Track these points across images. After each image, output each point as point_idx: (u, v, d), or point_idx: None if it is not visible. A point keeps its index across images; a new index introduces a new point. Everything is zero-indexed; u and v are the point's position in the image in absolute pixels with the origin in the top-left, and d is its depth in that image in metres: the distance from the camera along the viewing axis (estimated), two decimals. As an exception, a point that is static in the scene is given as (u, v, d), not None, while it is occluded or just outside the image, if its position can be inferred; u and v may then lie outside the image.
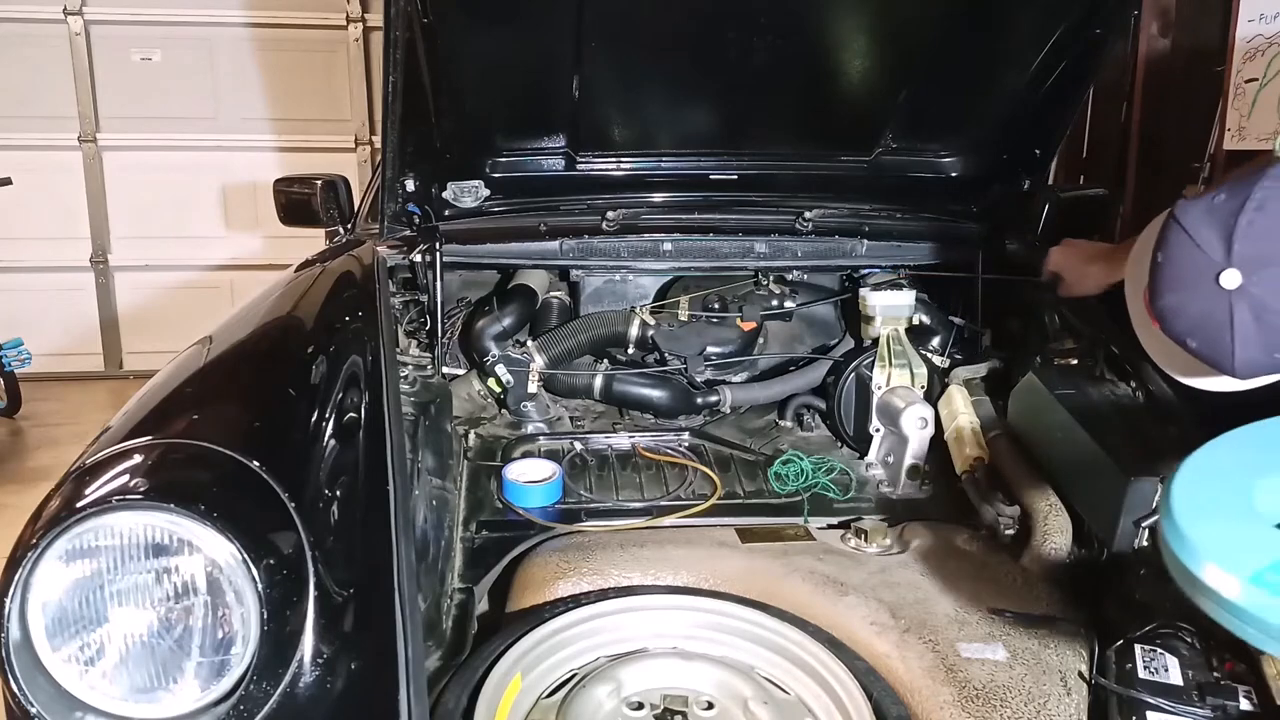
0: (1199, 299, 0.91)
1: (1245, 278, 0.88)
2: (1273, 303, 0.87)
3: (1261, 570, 0.78)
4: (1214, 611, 0.81)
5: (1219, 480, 0.89)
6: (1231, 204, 0.89)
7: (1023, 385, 1.87)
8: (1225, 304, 0.89)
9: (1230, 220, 0.89)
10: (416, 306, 2.03)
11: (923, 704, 1.27)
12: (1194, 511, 0.85)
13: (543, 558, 1.55)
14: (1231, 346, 0.90)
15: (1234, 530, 0.83)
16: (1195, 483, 0.89)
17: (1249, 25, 3.32)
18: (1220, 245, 0.89)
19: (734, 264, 2.13)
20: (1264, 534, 0.82)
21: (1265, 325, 0.88)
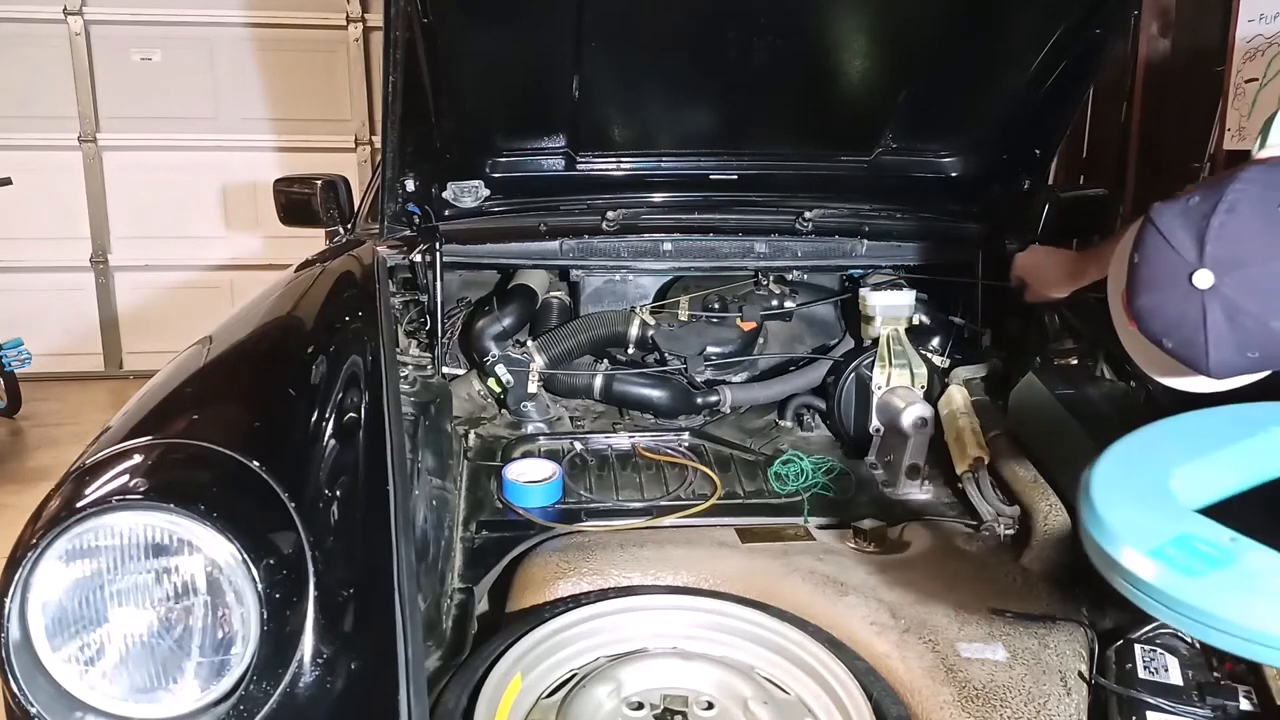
0: (1173, 299, 0.92)
1: (1217, 278, 0.89)
2: (1244, 303, 0.88)
3: (1162, 545, 0.80)
4: (1127, 591, 0.83)
5: (1138, 467, 0.91)
6: (1204, 206, 0.90)
7: (1023, 385, 1.87)
8: (1199, 304, 0.90)
9: (1203, 222, 0.90)
10: (416, 306, 2.03)
11: (923, 704, 1.27)
12: (1110, 496, 0.87)
13: (543, 558, 1.55)
14: (1206, 347, 0.91)
15: (1145, 512, 0.85)
16: (1115, 470, 0.91)
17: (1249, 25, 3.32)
18: (1193, 246, 0.90)
19: (734, 264, 2.13)
20: (1173, 514, 0.84)
21: (1237, 325, 0.89)
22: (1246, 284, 0.88)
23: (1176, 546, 0.80)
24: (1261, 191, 0.89)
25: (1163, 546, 0.80)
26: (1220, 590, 0.76)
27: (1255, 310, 0.88)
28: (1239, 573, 0.77)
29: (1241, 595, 0.76)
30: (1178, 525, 0.83)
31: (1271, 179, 0.91)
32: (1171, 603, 0.78)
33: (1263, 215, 0.88)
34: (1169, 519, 0.84)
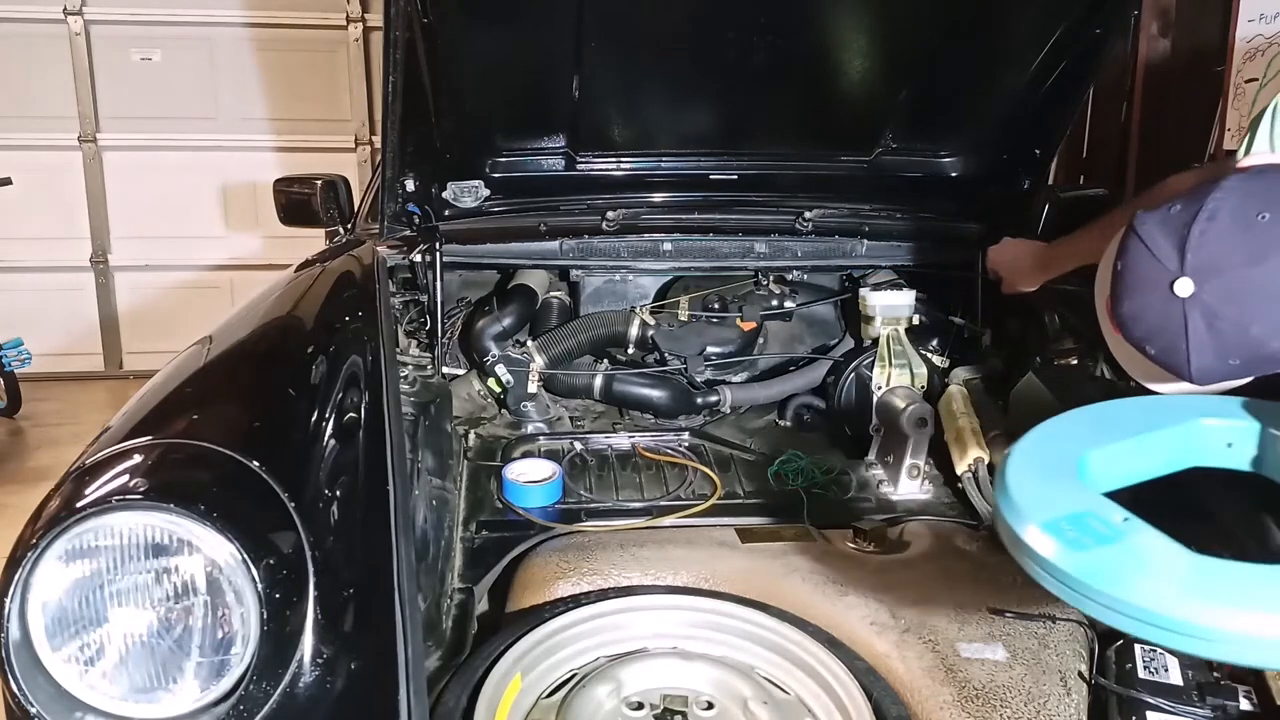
0: (1155, 306, 0.93)
1: (1197, 286, 0.90)
2: (1223, 310, 0.89)
3: (1058, 520, 0.83)
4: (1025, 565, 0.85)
5: (1053, 450, 0.94)
6: (1185, 215, 0.91)
7: (1023, 385, 1.87)
8: (1179, 311, 0.91)
9: (1184, 230, 0.91)
10: (416, 306, 2.03)
11: (923, 704, 1.27)
12: (1023, 476, 0.90)
13: (543, 558, 1.55)
14: (1187, 353, 0.92)
15: (1050, 491, 0.87)
16: (1032, 452, 0.94)
17: (1249, 25, 3.32)
18: (1174, 254, 0.91)
19: (734, 264, 2.13)
20: (1075, 493, 0.86)
21: (1217, 332, 0.90)
22: (1225, 291, 0.89)
23: (1071, 523, 0.83)
24: (1241, 200, 0.90)
25: (1058, 521, 0.83)
26: (1103, 566, 0.79)
27: (1234, 317, 0.89)
28: (1123, 550, 0.80)
29: (1122, 572, 0.78)
30: (1077, 503, 0.85)
31: (1250, 188, 0.91)
32: (1061, 576, 0.81)
33: (1241, 224, 0.89)
34: (1071, 498, 0.86)
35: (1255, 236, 0.88)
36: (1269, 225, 0.88)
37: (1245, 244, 0.88)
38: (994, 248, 2.01)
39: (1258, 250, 0.88)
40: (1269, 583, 0.76)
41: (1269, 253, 0.87)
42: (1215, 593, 0.76)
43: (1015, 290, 1.97)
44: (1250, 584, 0.76)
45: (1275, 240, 0.87)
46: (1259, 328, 0.89)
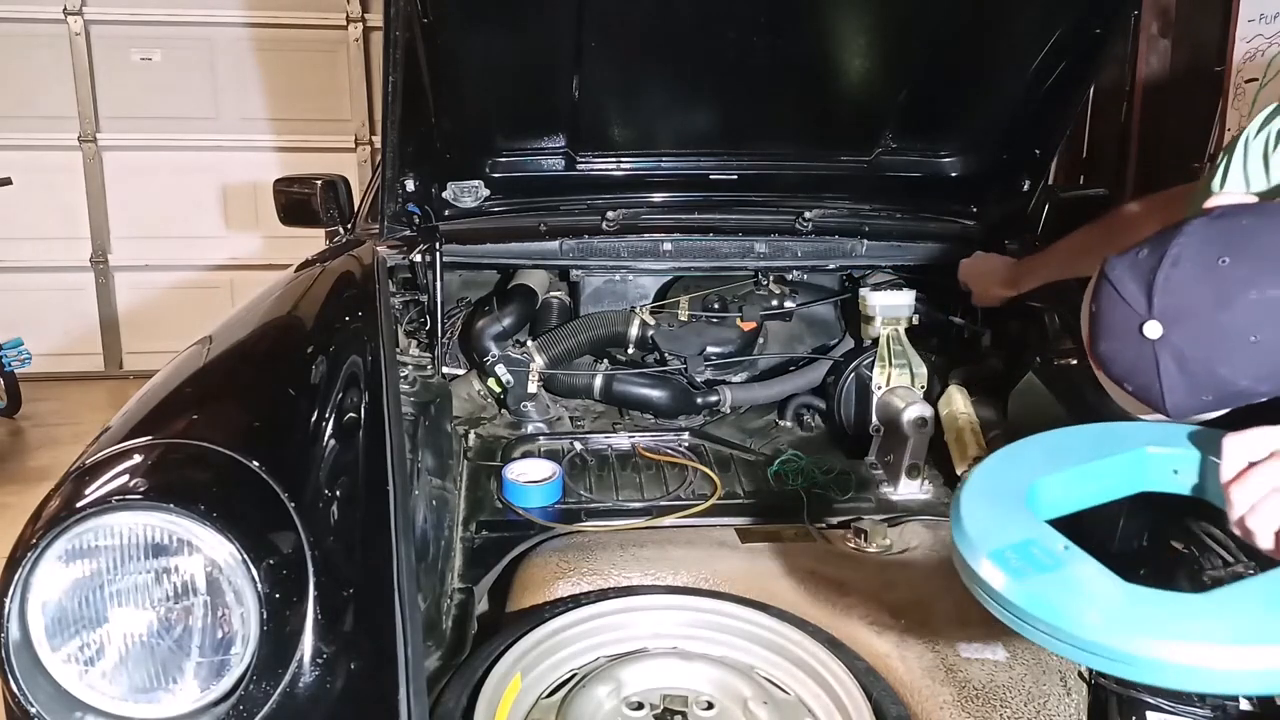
0: (1128, 348, 0.96)
1: (1166, 329, 0.93)
2: (1191, 351, 0.92)
3: (1003, 550, 0.87)
4: (975, 592, 0.90)
5: (1005, 478, 0.99)
6: (1151, 260, 0.95)
7: (1023, 385, 1.87)
8: (1151, 353, 0.94)
9: (1150, 275, 0.94)
10: (416, 306, 2.03)
11: (923, 704, 1.27)
12: (975, 504, 0.95)
13: (543, 558, 1.55)
14: (1161, 391, 0.95)
15: (999, 520, 0.92)
16: (984, 480, 0.99)
17: (1249, 25, 3.33)
18: (1143, 298, 0.94)
19: (734, 264, 2.13)
20: (1022, 522, 0.91)
21: (1187, 372, 0.93)
22: (1192, 334, 0.92)
23: (1015, 552, 0.87)
24: (1201, 246, 0.93)
25: (1003, 551, 0.88)
26: (1041, 593, 0.84)
27: (1202, 358, 0.92)
28: (1060, 578, 0.85)
29: (1057, 599, 0.83)
30: (1022, 532, 0.90)
31: (1210, 233, 0.94)
32: (1004, 603, 0.86)
33: (1204, 268, 0.92)
34: (1017, 527, 0.91)
35: (1217, 281, 0.91)
36: (1229, 269, 0.91)
37: (1208, 288, 0.91)
38: (965, 261, 2.07)
39: (1220, 295, 0.91)
40: (1187, 613, 0.81)
41: (1231, 297, 0.90)
42: (1139, 621, 0.81)
43: (983, 304, 2.06)
44: (1171, 613, 0.81)
45: (1235, 284, 0.91)
46: (1226, 368, 0.92)
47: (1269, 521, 0.89)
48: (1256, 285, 0.90)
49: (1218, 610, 0.81)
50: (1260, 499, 0.89)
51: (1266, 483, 0.89)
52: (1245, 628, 0.79)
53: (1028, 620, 0.84)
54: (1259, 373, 0.91)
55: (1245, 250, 0.91)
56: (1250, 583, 0.85)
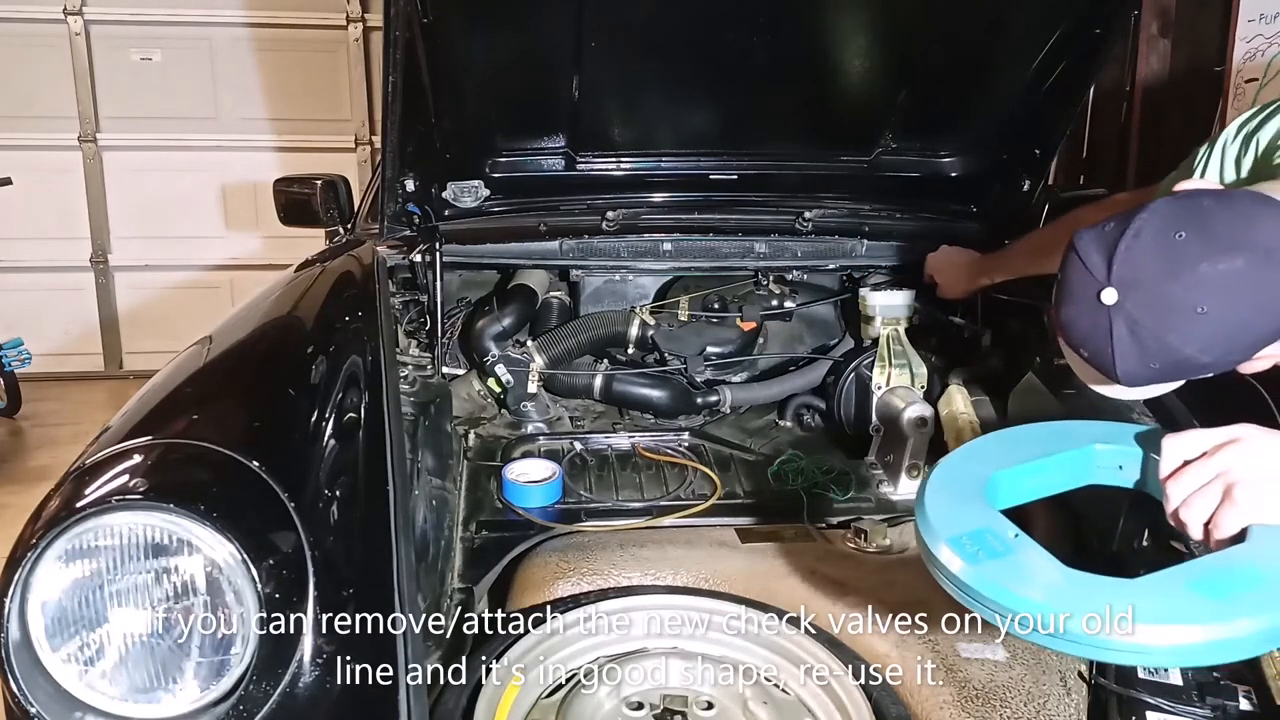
0: (1086, 314, 1.03)
1: (1120, 295, 0.99)
2: (1143, 319, 0.98)
3: (960, 536, 0.97)
4: (934, 574, 0.99)
5: (966, 471, 1.08)
6: (1115, 231, 1.01)
7: (1023, 385, 1.87)
8: (1106, 319, 1.00)
9: (1112, 245, 1.01)
10: (416, 306, 2.03)
11: (923, 704, 1.27)
12: (938, 494, 1.04)
13: (543, 558, 1.55)
14: (1113, 357, 1.01)
15: (957, 506, 1.02)
16: (947, 472, 1.08)
17: (1249, 25, 3.33)
18: (1103, 266, 1.01)
19: (734, 264, 2.13)
20: (977, 510, 1.01)
21: (1138, 339, 0.99)
22: (1144, 302, 0.98)
23: (971, 538, 0.97)
24: (1163, 221, 0.99)
25: (960, 537, 0.97)
26: (991, 575, 0.93)
27: (1151, 326, 0.98)
28: (1009, 563, 0.95)
29: (1005, 581, 0.93)
30: (978, 521, 1.00)
31: (1173, 210, 1.01)
32: (958, 584, 0.95)
33: (1162, 243, 0.98)
34: (974, 516, 1.01)
35: (1172, 253, 0.97)
36: (1184, 244, 0.97)
37: (1163, 260, 0.98)
38: (932, 255, 2.09)
39: (1173, 266, 0.97)
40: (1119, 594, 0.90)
41: (1182, 269, 0.96)
42: (1076, 600, 0.89)
43: (948, 296, 2.08)
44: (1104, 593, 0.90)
45: (1188, 257, 0.97)
46: (1174, 336, 0.98)
47: (1198, 514, 0.98)
48: (1208, 259, 0.96)
49: (1146, 592, 0.90)
50: (1192, 494, 0.98)
51: (1198, 479, 0.98)
52: (1168, 608, 0.88)
53: (979, 600, 0.93)
54: (1204, 343, 0.97)
55: (1202, 227, 0.98)
56: (1176, 570, 0.94)
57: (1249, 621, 0.87)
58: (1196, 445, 1.00)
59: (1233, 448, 0.98)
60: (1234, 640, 0.86)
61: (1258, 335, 0.99)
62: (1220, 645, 0.87)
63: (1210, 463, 0.98)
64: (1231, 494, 0.96)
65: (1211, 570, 0.93)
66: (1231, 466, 0.97)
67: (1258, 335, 0.99)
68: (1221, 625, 0.87)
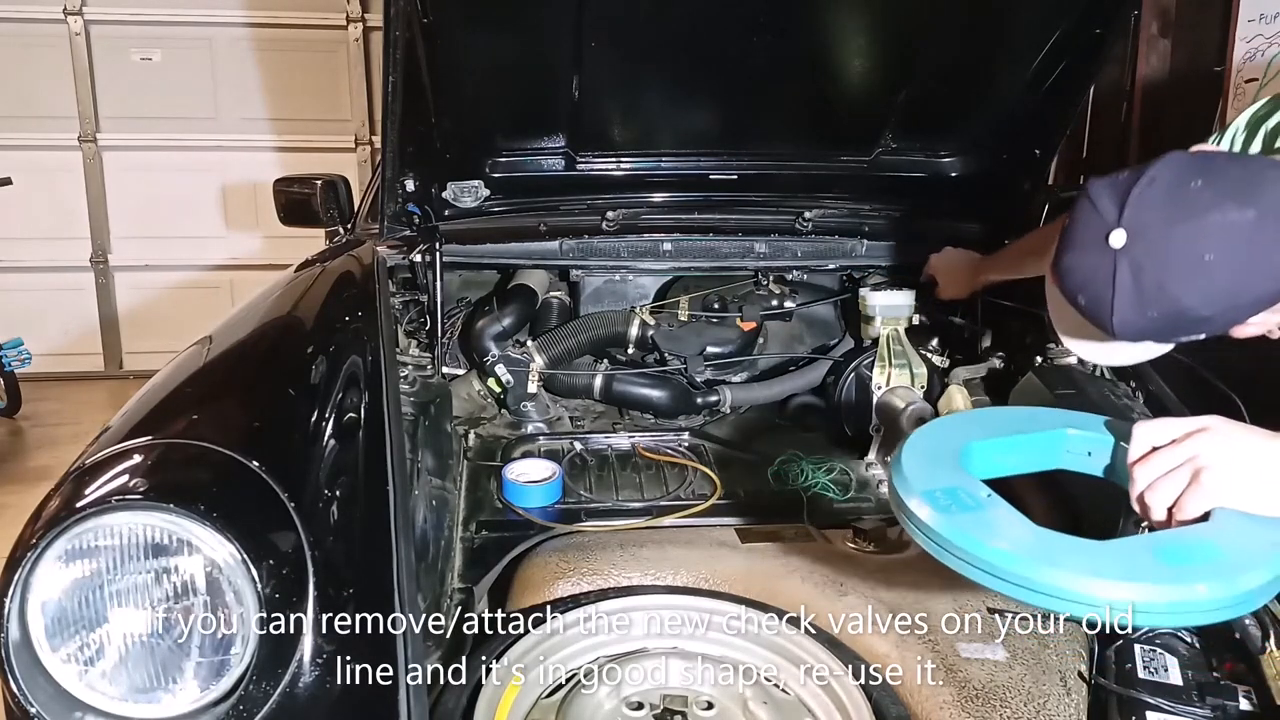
0: (1091, 257, 1.04)
1: (1129, 238, 1.01)
2: (1147, 264, 1.00)
3: (933, 490, 1.02)
4: (904, 523, 1.04)
5: (942, 439, 1.13)
6: (1130, 179, 1.03)
7: (1023, 385, 1.87)
8: (1110, 262, 1.02)
9: (1126, 190, 1.02)
10: (416, 306, 2.03)
11: (923, 704, 1.27)
12: (914, 455, 1.09)
13: (543, 558, 1.55)
14: (1111, 303, 1.03)
15: (932, 468, 1.07)
16: (925, 438, 1.13)
17: (1249, 25, 3.33)
18: (1114, 210, 1.02)
19: (734, 264, 2.13)
20: (950, 471, 1.07)
21: (1140, 285, 1.00)
22: (1152, 246, 1.00)
23: (944, 494, 1.02)
24: (1179, 170, 1.01)
25: (933, 491, 1.02)
26: (962, 527, 0.98)
27: (1155, 271, 1.00)
28: (980, 517, 0.99)
29: (977, 533, 0.97)
30: (952, 480, 1.05)
31: (1190, 162, 1.02)
32: (931, 534, 1.00)
33: (1176, 190, 1.00)
34: (948, 475, 1.06)
35: (1185, 200, 0.99)
36: (1199, 191, 0.98)
37: (1176, 205, 0.99)
38: (935, 255, 2.09)
39: (1186, 211, 0.98)
40: (1084, 552, 0.95)
41: (1193, 215, 0.98)
42: (1042, 554, 0.94)
43: (949, 297, 2.08)
44: (1070, 551, 0.95)
45: (1201, 205, 0.98)
46: (1174, 284, 0.99)
47: (1163, 498, 1.00)
48: (1220, 208, 0.97)
49: (1111, 553, 0.95)
50: (1157, 478, 1.01)
51: (1164, 465, 1.01)
52: (1131, 567, 0.93)
53: (947, 548, 0.98)
54: (1206, 294, 0.99)
55: (1216, 179, 0.99)
56: (1143, 537, 1.00)
57: (1205, 587, 0.91)
58: (1166, 432, 1.03)
59: (1201, 435, 1.00)
60: (1190, 603, 0.91)
61: (1258, 295, 1.00)
62: (1176, 606, 0.91)
63: (1179, 449, 1.00)
64: (1199, 478, 0.98)
65: (1176, 541, 0.97)
66: (1200, 452, 0.99)
67: (1258, 295, 1.00)
68: (1179, 587, 0.91)
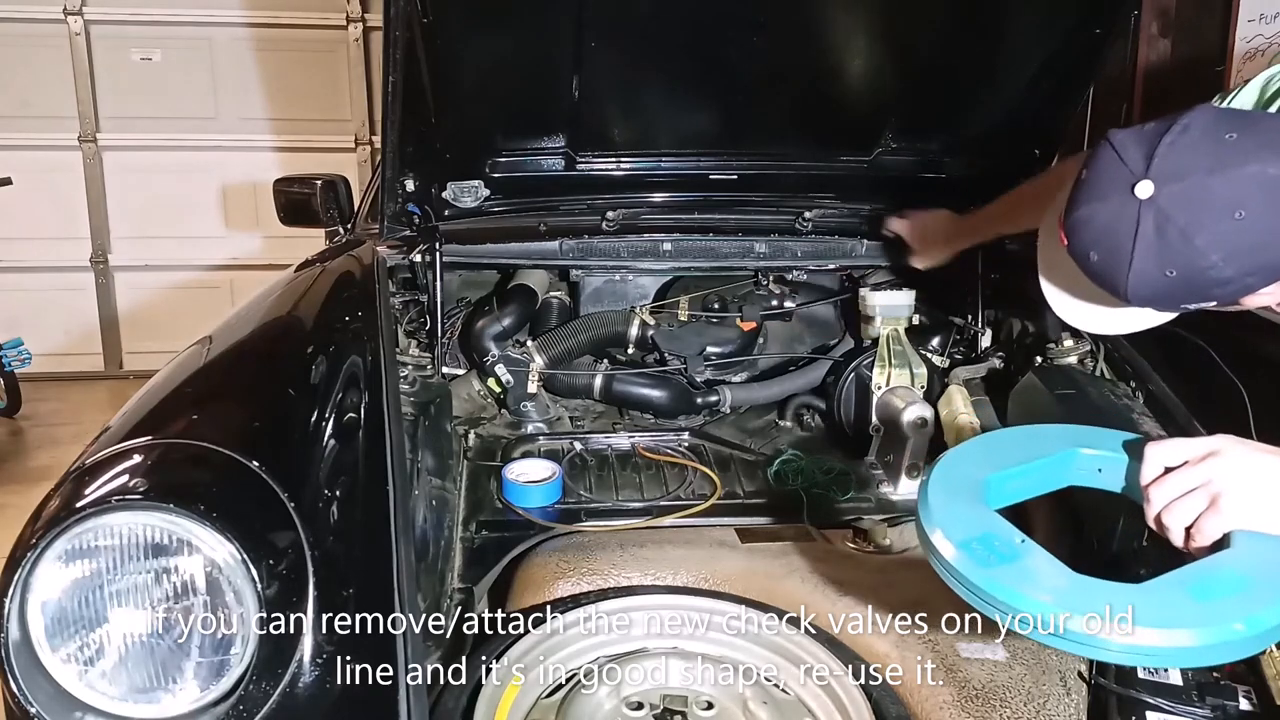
0: (1111, 208, 1.00)
1: (1157, 189, 0.96)
2: (1175, 215, 0.96)
3: (969, 539, 1.02)
4: (941, 573, 1.03)
5: (960, 473, 1.14)
6: (1160, 128, 0.99)
7: (1023, 385, 1.87)
8: (1134, 212, 0.98)
9: (1155, 140, 0.98)
10: (416, 306, 2.03)
11: (923, 704, 1.27)
12: (938, 495, 1.09)
13: (543, 558, 1.55)
14: (1131, 256, 0.99)
15: (961, 509, 1.07)
16: (944, 474, 1.13)
17: (1249, 25, 3.32)
18: (1142, 160, 0.98)
19: (734, 264, 2.13)
20: (980, 514, 1.06)
21: (1164, 237, 0.96)
22: (1181, 197, 0.96)
23: (980, 542, 1.02)
24: (1214, 120, 0.98)
25: (969, 540, 1.02)
26: (1003, 579, 0.97)
27: (1182, 224, 0.95)
28: (1019, 568, 0.99)
29: (1016, 584, 0.97)
30: (984, 525, 1.04)
31: (1223, 115, 0.99)
32: (969, 584, 1.00)
33: (1211, 139, 0.96)
34: (977, 518, 1.05)
35: (1221, 150, 0.95)
36: (1235, 143, 0.95)
37: (1210, 155, 0.95)
38: (901, 221, 2.02)
39: (1220, 162, 0.94)
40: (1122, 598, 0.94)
41: (1228, 165, 0.94)
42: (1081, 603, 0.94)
43: (927, 263, 2.00)
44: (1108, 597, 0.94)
45: (1237, 155, 0.94)
46: (1202, 238, 0.95)
47: (1180, 519, 1.00)
48: (1258, 160, 0.94)
49: (1147, 597, 0.94)
50: (1173, 499, 1.00)
51: (1180, 486, 1.00)
52: (1167, 611, 0.92)
53: (990, 602, 0.98)
54: (1232, 250, 0.95)
55: (1254, 131, 0.96)
56: (1174, 575, 0.97)
57: (1243, 625, 0.91)
58: (1178, 454, 1.02)
59: (1216, 459, 0.99)
60: (1227, 643, 0.91)
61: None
62: (1213, 648, 0.91)
63: (1194, 472, 1.00)
64: (1217, 503, 0.97)
65: (1206, 575, 0.96)
66: (1215, 476, 0.98)
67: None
68: (1215, 628, 0.91)
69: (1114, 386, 1.79)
